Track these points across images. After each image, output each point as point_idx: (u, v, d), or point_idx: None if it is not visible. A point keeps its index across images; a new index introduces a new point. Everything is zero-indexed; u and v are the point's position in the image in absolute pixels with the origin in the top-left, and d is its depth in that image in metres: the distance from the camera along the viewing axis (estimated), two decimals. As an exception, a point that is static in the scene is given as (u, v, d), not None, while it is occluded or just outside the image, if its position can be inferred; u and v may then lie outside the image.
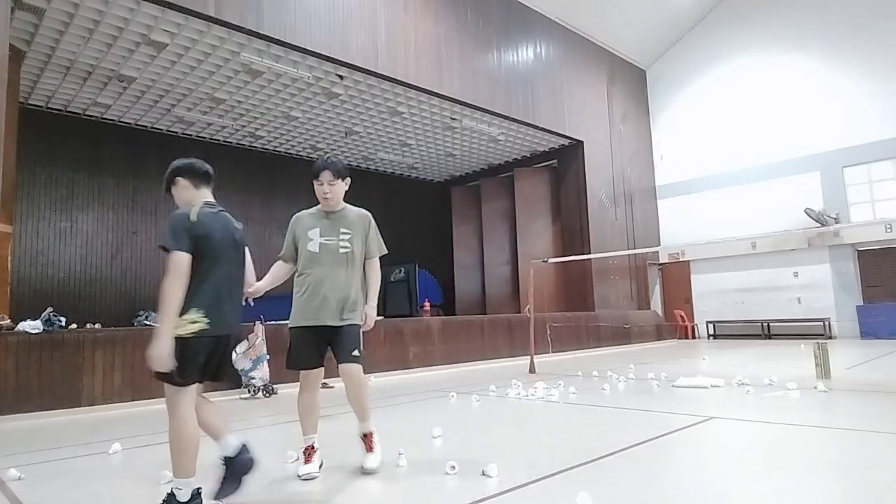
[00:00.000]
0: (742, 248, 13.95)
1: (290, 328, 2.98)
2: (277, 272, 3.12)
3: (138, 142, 10.91)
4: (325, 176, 2.98)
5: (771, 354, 9.35)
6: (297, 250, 3.06)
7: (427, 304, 12.24)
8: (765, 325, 13.66)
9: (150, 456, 3.52)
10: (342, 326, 2.92)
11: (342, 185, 3.04)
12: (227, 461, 2.33)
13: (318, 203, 3.09)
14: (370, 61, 8.93)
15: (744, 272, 14.16)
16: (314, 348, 2.94)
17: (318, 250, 2.95)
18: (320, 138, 12.10)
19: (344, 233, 2.99)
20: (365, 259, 3.09)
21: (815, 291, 13.16)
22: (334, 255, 2.95)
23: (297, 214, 3.09)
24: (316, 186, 3.01)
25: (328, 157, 3.03)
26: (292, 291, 3.06)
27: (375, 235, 3.13)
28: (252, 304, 2.84)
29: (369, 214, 3.14)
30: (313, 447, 2.97)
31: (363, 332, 3.03)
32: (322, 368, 2.98)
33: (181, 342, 2.22)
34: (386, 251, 3.16)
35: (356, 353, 2.92)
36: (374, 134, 12.02)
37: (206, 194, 2.55)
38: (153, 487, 2.77)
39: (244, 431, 4.32)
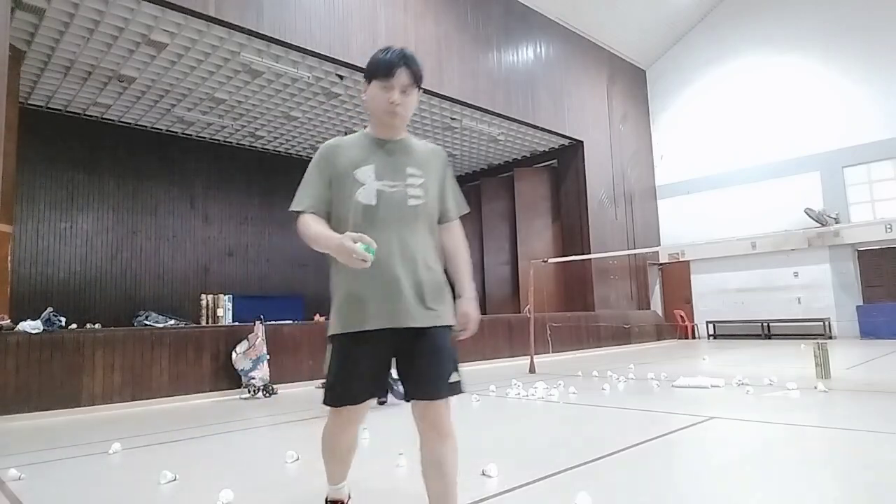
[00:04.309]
0: (742, 248, 13.95)
1: (332, 337, 1.82)
2: (325, 227, 1.82)
3: (138, 142, 10.91)
4: (402, 77, 1.84)
5: (771, 354, 9.35)
6: (332, 201, 1.85)
7: (427, 304, 12.23)
8: (765, 325, 13.66)
9: (150, 456, 3.52)
10: (430, 329, 1.78)
11: (416, 99, 1.94)
12: None
13: (373, 125, 1.93)
14: (370, 61, 8.92)
15: (744, 272, 14.16)
16: (373, 370, 1.80)
17: (374, 201, 1.80)
18: (320, 138, 12.10)
19: (413, 175, 1.87)
20: (440, 222, 1.99)
21: (815, 291, 13.16)
22: (401, 209, 1.82)
23: (332, 143, 1.94)
24: (375, 92, 1.85)
25: (403, 49, 1.88)
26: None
27: (454, 185, 2.04)
28: None
29: (443, 151, 2.05)
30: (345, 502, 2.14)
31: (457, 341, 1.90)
32: (367, 406, 1.87)
33: None
34: (468, 210, 2.13)
35: (455, 377, 1.77)
36: (374, 134, 12.02)
37: None
38: (153, 487, 2.77)
39: (244, 431, 4.33)
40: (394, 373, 1.85)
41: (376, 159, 1.86)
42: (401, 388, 1.81)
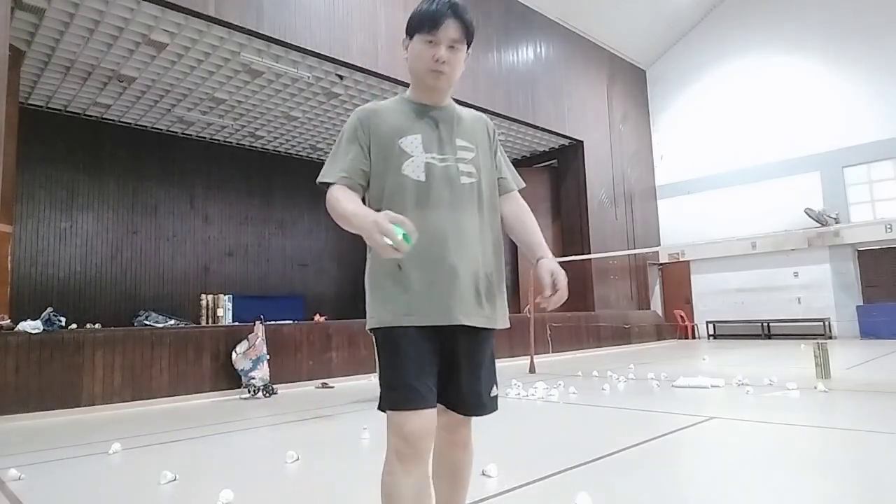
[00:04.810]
0: (742, 248, 13.95)
1: (379, 329, 1.50)
2: (359, 202, 1.50)
3: (138, 142, 10.91)
4: (449, 30, 1.54)
5: (771, 354, 9.35)
6: (370, 173, 1.56)
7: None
8: (765, 325, 13.66)
9: (150, 456, 3.52)
10: (482, 331, 1.56)
11: (464, 58, 1.60)
12: None
13: (414, 88, 1.64)
14: (370, 61, 8.94)
15: (744, 272, 14.16)
16: (434, 365, 1.50)
17: (423, 177, 1.52)
18: (320, 138, 12.10)
19: (463, 147, 1.60)
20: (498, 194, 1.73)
21: (815, 291, 13.16)
22: (453, 187, 1.55)
23: (368, 107, 1.61)
24: (418, 48, 1.56)
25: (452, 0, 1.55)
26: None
27: (505, 156, 1.79)
28: None
29: (488, 118, 1.78)
30: None
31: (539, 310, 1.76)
32: (435, 417, 1.49)
33: None
34: (524, 185, 1.83)
35: (495, 390, 1.62)
36: (374, 134, 12.02)
37: None
38: (153, 487, 2.77)
39: (244, 431, 4.33)
40: None
41: (422, 128, 1.58)
42: None
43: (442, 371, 1.53)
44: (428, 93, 1.61)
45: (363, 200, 1.54)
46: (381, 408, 1.48)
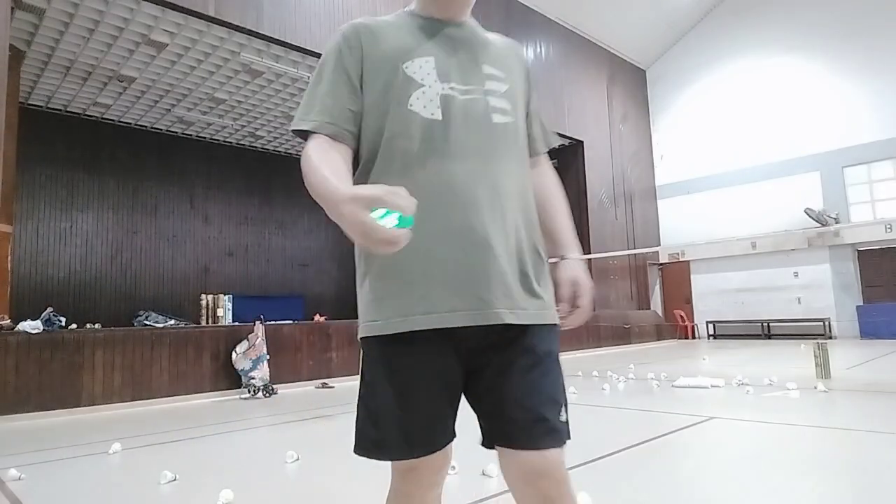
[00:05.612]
0: (742, 248, 13.96)
1: (379, 338, 1.06)
2: (337, 165, 1.01)
3: (138, 142, 10.92)
4: None
5: (771, 354, 9.34)
6: (361, 113, 1.11)
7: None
8: (765, 325, 13.66)
9: (150, 456, 3.52)
10: (537, 329, 1.13)
11: None
12: None
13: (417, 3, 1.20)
14: (370, 61, 8.93)
15: (744, 272, 14.16)
16: (444, 392, 1.09)
17: (439, 114, 1.08)
18: (320, 138, 12.11)
19: (493, 77, 1.15)
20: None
21: (815, 291, 13.16)
22: (481, 128, 1.10)
23: (360, 22, 1.17)
24: None
25: None
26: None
27: (538, 104, 1.30)
28: None
29: (522, 49, 1.31)
30: None
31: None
32: (449, 450, 1.15)
33: None
34: (556, 143, 1.37)
35: (564, 414, 1.13)
36: (374, 134, 12.03)
37: None
38: (153, 487, 2.77)
39: (244, 431, 4.33)
40: None
41: (435, 48, 1.12)
42: None
43: (481, 393, 1.10)
44: (441, 3, 1.16)
45: (356, 151, 1.12)
46: (369, 453, 1.10)
